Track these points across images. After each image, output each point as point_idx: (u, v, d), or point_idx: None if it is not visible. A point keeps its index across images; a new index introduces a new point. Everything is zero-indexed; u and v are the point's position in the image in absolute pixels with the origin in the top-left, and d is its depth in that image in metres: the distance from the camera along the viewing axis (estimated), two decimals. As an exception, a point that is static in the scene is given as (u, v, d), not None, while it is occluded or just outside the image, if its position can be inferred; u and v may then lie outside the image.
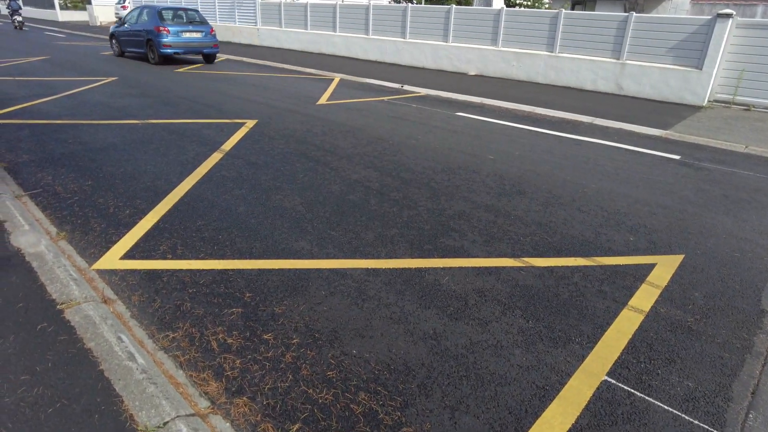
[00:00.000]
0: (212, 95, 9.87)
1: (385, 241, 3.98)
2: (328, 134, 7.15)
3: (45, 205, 4.47)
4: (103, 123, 7.38)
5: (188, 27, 14.41)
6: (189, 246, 3.78)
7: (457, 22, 14.46)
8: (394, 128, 7.72)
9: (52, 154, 5.85)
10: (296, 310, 3.06)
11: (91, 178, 5.11)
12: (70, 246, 3.74)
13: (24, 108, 8.25)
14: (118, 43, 15.97)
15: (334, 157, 6.05)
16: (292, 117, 8.17)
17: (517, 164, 6.14)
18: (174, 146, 6.25)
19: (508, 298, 3.30)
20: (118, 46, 16.03)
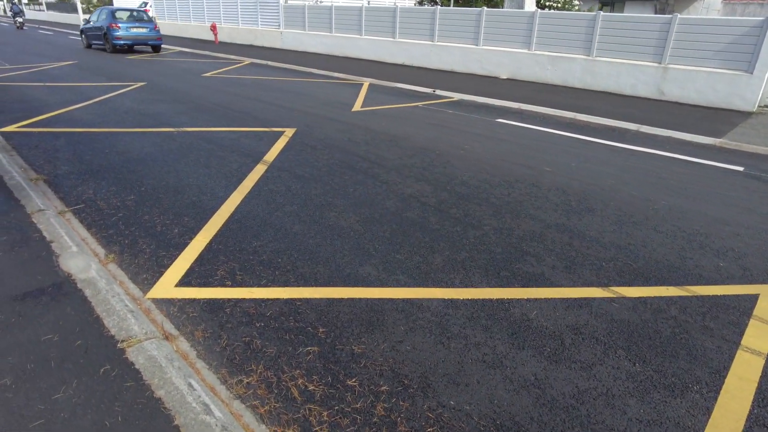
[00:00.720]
0: (245, 101, 9.64)
1: (456, 267, 3.66)
2: (371, 144, 6.85)
3: (89, 222, 4.22)
4: (138, 131, 7.17)
5: (135, 24, 18.38)
6: (248, 271, 3.50)
7: (488, 24, 14.10)
8: (436, 137, 7.40)
9: (91, 166, 5.63)
10: (377, 350, 2.75)
11: (133, 192, 4.86)
12: (120, 270, 3.48)
13: (58, 115, 8.08)
14: (86, 37, 19.88)
15: (382, 169, 5.75)
16: (330, 125, 7.90)
17: (577, 177, 5.78)
18: (215, 157, 6.00)
19: (607, 336, 2.96)
20: (86, 39, 19.95)
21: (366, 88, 12.20)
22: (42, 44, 21.79)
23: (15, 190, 4.78)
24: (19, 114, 8.10)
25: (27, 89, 10.43)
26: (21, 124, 7.47)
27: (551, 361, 2.74)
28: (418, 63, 16.16)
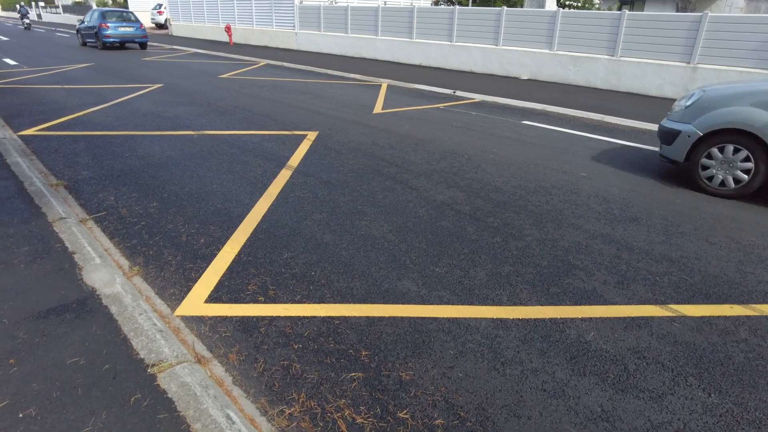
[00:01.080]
0: (264, 103, 9.47)
1: (501, 281, 3.42)
2: (396, 147, 6.63)
3: (111, 231, 4.05)
4: (158, 134, 7.02)
5: (123, 24, 20.37)
6: (281, 285, 3.29)
7: (508, 24, 13.82)
8: (463, 140, 7.16)
9: (111, 170, 5.47)
10: (427, 377, 2.53)
11: (155, 199, 4.69)
12: (146, 284, 3.29)
13: (77, 118, 7.97)
14: (81, 36, 21.76)
15: (411, 175, 5.53)
16: (352, 128, 7.69)
17: (615, 183, 5.51)
18: (238, 161, 5.81)
19: (673, 361, 2.71)
20: (81, 38, 21.82)
21: (385, 89, 11.99)
22: (59, 46, 21.88)
23: (36, 196, 4.63)
24: (38, 117, 8.00)
25: (45, 92, 10.36)
26: (40, 127, 7.36)
27: (617, 389, 2.50)
28: (435, 64, 15.92)
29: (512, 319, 3.02)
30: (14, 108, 8.65)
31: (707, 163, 5.27)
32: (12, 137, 6.78)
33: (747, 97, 4.92)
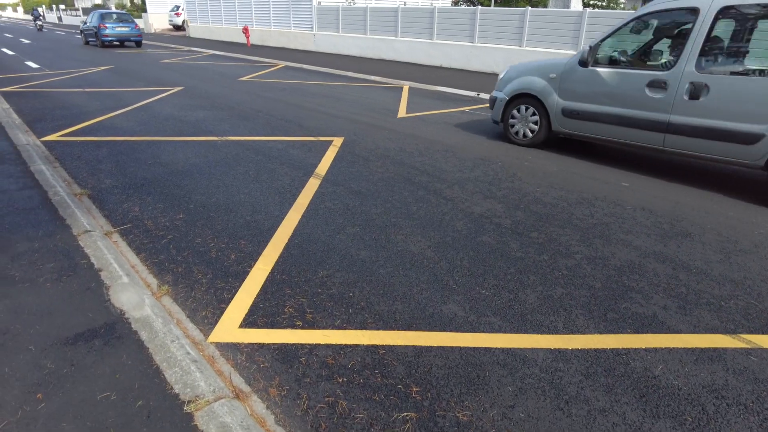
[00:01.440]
0: (286, 108, 9.31)
1: (554, 306, 3.18)
2: (425, 154, 6.41)
3: (138, 245, 3.88)
4: (180, 140, 6.88)
5: (120, 24, 22.46)
6: (318, 307, 3.09)
7: (532, 25, 13.51)
8: (494, 146, 6.91)
9: (135, 179, 5.33)
10: (486, 418, 2.30)
11: (181, 210, 4.52)
12: (176, 306, 3.11)
13: (99, 123, 7.87)
14: (84, 35, 24.26)
15: (444, 184, 5.30)
16: (378, 133, 7.48)
17: (660, 194, 5.23)
18: (264, 170, 5.63)
19: (757, 403, 2.45)
20: (84, 37, 24.29)
21: (407, 92, 11.77)
22: (79, 49, 22.04)
23: (60, 207, 4.49)
24: (60, 122, 7.92)
25: (67, 95, 10.32)
26: (63, 132, 7.27)
27: (699, 436, 2.24)
28: (456, 65, 15.65)
29: (571, 350, 2.78)
30: (37, 112, 8.60)
31: (512, 121, 7.04)
32: (35, 143, 6.69)
33: (533, 71, 6.71)
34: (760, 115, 4.83)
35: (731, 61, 5.24)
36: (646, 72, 5.57)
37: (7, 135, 6.84)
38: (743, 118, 4.95)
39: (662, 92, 5.40)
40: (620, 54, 6.01)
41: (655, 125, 5.52)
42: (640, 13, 5.76)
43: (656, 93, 5.45)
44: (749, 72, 4.94)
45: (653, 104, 5.49)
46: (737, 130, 5.00)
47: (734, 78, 4.98)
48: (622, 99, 5.75)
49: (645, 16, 5.72)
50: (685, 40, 5.23)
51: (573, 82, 6.20)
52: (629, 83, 5.66)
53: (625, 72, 5.73)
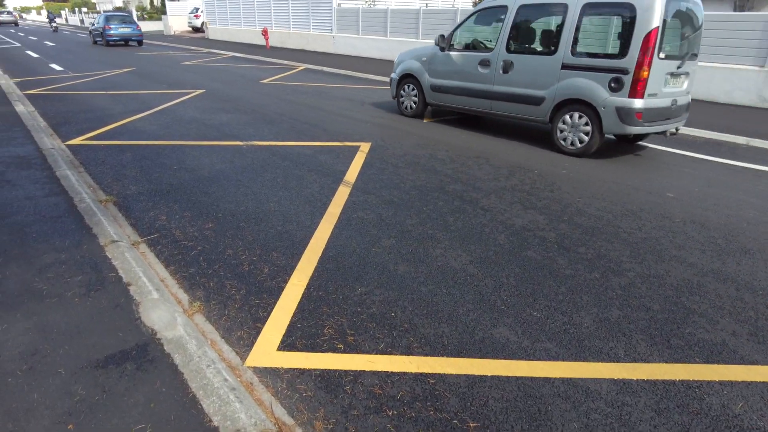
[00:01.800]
0: (310, 111, 9.16)
1: (612, 330, 2.95)
2: (456, 160, 6.19)
3: (167, 257, 3.73)
4: (205, 144, 6.76)
5: (123, 25, 25.02)
6: (359, 329, 2.89)
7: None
8: (527, 152, 6.67)
9: (160, 185, 5.20)
10: (554, 461, 2.07)
11: (210, 219, 4.36)
12: (209, 325, 2.94)
13: (122, 126, 7.80)
14: (92, 35, 26.94)
15: (480, 193, 5.08)
16: (406, 139, 7.28)
17: (708, 206, 4.96)
18: (292, 176, 5.47)
19: None
20: (92, 37, 26.94)
21: (430, 95, 11.54)
22: (100, 51, 22.23)
23: (86, 215, 4.37)
24: (84, 125, 7.86)
25: (90, 98, 10.30)
26: (87, 136, 7.20)
27: (795, 488, 2.00)
28: (479, 68, 15.38)
29: (637, 381, 2.55)
30: (62, 115, 8.56)
31: (402, 98, 8.86)
32: (60, 147, 6.62)
33: (413, 56, 8.38)
34: (542, 83, 6.62)
35: (526, 44, 7.01)
36: (478, 54, 7.35)
37: (32, 139, 6.79)
38: (533, 86, 6.73)
39: (487, 68, 7.19)
40: (464, 40, 7.73)
41: (485, 94, 7.32)
42: (477, 9, 7.54)
43: (484, 69, 7.23)
44: (535, 52, 6.81)
45: (482, 78, 7.29)
46: (530, 94, 6.78)
47: (527, 56, 6.80)
48: (464, 75, 7.55)
49: (479, 11, 7.49)
50: (500, 29, 7.00)
51: (436, 64, 7.97)
52: (468, 62, 7.45)
53: (466, 54, 7.52)
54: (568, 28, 6.30)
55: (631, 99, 5.91)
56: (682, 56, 6.29)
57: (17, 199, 4.62)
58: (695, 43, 6.50)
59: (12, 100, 9.59)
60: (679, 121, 6.68)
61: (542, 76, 6.56)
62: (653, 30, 5.66)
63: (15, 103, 9.23)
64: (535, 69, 6.63)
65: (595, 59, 6.18)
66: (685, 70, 6.41)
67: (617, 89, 5.97)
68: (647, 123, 6.08)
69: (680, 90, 6.51)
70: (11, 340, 2.65)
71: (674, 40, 6.14)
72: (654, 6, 5.64)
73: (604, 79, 6.05)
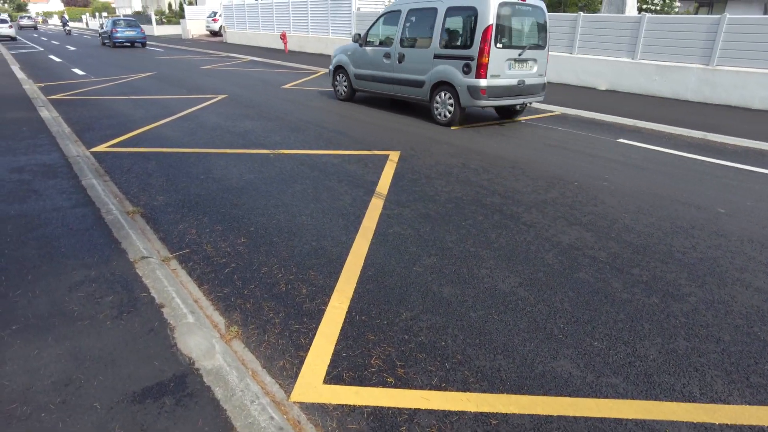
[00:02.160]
0: (335, 118, 9.00)
1: (681, 364, 2.71)
2: (491, 171, 5.97)
3: (199, 275, 3.57)
4: (231, 152, 6.62)
5: (128, 29, 27.57)
6: (409, 360, 2.69)
7: (584, 31, 12.93)
8: (563, 162, 6.43)
9: (188, 195, 5.06)
10: None
11: (242, 233, 4.20)
12: (249, 352, 2.76)
13: (145, 132, 7.71)
14: (101, 38, 29.86)
15: (520, 207, 4.86)
16: (435, 147, 7.08)
17: (765, 222, 4.67)
18: (323, 187, 5.30)
19: None
20: (101, 39, 29.81)
21: (454, 101, 11.32)
22: (121, 55, 22.38)
23: (114, 227, 4.23)
24: (108, 131, 7.79)
25: (113, 103, 10.27)
26: (111, 142, 7.12)
27: None
28: (502, 73, 15.15)
29: (719, 426, 2.31)
30: (85, 121, 8.51)
31: (336, 85, 10.70)
32: (85, 154, 6.54)
33: (343, 51, 10.14)
34: (423, 70, 8.42)
35: (412, 39, 8.74)
36: (383, 48, 9.17)
37: (58, 146, 6.71)
38: (417, 72, 8.53)
39: (389, 60, 9.03)
40: (374, 38, 9.52)
41: (389, 80, 9.14)
42: (382, 12, 9.43)
43: (387, 60, 9.04)
44: (418, 46, 8.54)
45: (387, 67, 9.11)
46: (416, 79, 8.58)
47: (413, 49, 8.63)
48: (375, 65, 9.38)
49: (385, 14, 9.32)
50: (397, 28, 8.86)
51: (356, 57, 9.83)
52: (377, 55, 9.27)
53: (376, 49, 9.39)
54: (437, 26, 8.17)
55: (477, 79, 7.70)
56: (522, 46, 8.01)
57: (45, 210, 4.51)
58: (535, 36, 8.24)
59: (37, 105, 9.58)
60: (531, 97, 8.51)
61: (422, 64, 8.43)
62: (489, 26, 7.47)
63: (40, 109, 9.21)
64: (418, 59, 8.53)
65: (454, 50, 8.01)
66: (531, 57, 8.17)
67: (468, 72, 7.77)
68: (492, 98, 7.90)
69: (529, 72, 8.27)
70: (44, 367, 2.51)
71: (510, 33, 7.89)
72: (489, 8, 7.45)
73: (460, 65, 7.87)
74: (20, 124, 7.95)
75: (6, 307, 3.01)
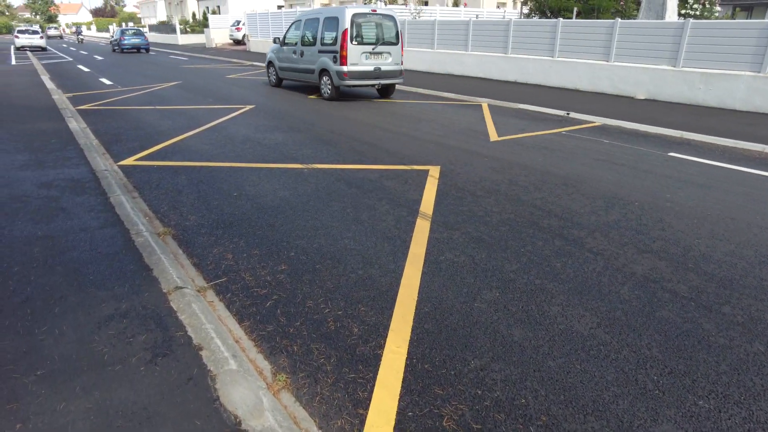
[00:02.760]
0: (366, 129, 8.68)
1: (813, 433, 2.27)
2: (542, 189, 5.56)
3: (239, 308, 3.24)
4: (263, 167, 6.33)
5: (134, 37, 32.17)
6: (486, 421, 2.32)
7: (622, 38, 12.44)
8: (618, 179, 5.99)
9: (221, 215, 4.76)
10: None
11: (282, 259, 3.88)
12: (301, 408, 2.42)
13: (173, 145, 7.49)
14: (111, 45, 35.05)
15: (582, 231, 4.44)
16: (477, 161, 6.70)
17: None
18: (363, 207, 4.96)
19: None
20: (111, 46, 35.08)
21: (487, 110, 10.95)
22: (147, 64, 22.51)
23: (144, 251, 3.94)
24: (135, 143, 7.59)
25: (139, 113, 10.12)
26: (139, 155, 6.90)
27: None
28: (533, 80, 14.71)
29: None
30: (113, 132, 8.35)
31: (270, 75, 14.19)
32: (113, 168, 6.32)
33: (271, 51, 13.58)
34: (313, 62, 11.64)
35: (307, 40, 11.86)
36: (293, 47, 12.33)
37: (85, 159, 6.51)
38: (310, 63, 11.77)
39: (296, 55, 12.21)
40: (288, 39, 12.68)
41: (296, 69, 12.49)
42: (292, 22, 12.75)
43: (295, 55, 12.25)
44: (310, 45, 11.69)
45: (295, 60, 12.30)
46: (310, 68, 11.79)
47: (308, 47, 11.75)
48: (289, 59, 12.68)
49: (293, 24, 12.62)
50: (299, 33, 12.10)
51: (279, 53, 13.21)
52: (290, 52, 12.54)
53: (289, 47, 12.57)
54: (319, 31, 11.54)
55: (341, 66, 10.86)
56: (375, 43, 11.15)
57: (72, 230, 4.25)
58: (387, 36, 11.33)
59: (65, 116, 9.47)
60: (388, 80, 11.65)
61: (313, 57, 11.82)
62: (345, 30, 10.63)
63: (68, 120, 9.09)
64: (310, 54, 11.93)
65: (328, 47, 11.22)
66: (386, 51, 11.36)
67: (336, 62, 10.98)
68: (354, 80, 11.04)
69: (385, 62, 11.39)
70: (71, 425, 2.19)
71: (364, 34, 10.98)
72: (346, 17, 10.63)
73: (332, 57, 11.09)
74: (49, 135, 7.81)
75: (32, 346, 2.72)
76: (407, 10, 21.17)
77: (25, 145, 7.25)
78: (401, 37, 11.57)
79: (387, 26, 11.26)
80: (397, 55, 11.44)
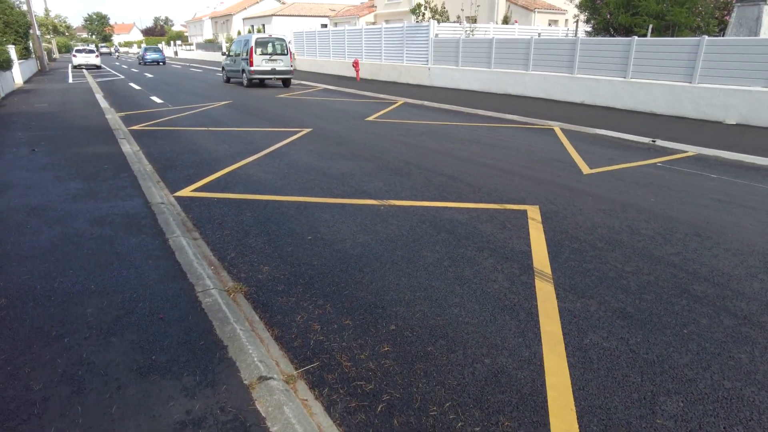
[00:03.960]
0: (438, 157, 7.92)
1: None
2: (672, 240, 4.64)
3: (342, 414, 2.51)
4: (334, 202, 5.64)
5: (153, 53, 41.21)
6: None
7: (708, 57, 11.36)
8: (760, 228, 4.99)
9: (298, 267, 4.06)
10: None
11: (381, 335, 3.12)
12: None
13: (232, 173, 6.91)
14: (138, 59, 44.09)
15: (751, 304, 3.53)
16: (579, 200, 5.82)
17: None
18: (460, 259, 4.17)
19: None
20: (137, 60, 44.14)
21: (562, 135, 10.04)
22: (195, 81, 22.58)
23: (214, 318, 3.26)
24: (191, 170, 7.05)
25: (193, 135, 9.69)
26: (196, 185, 6.33)
27: None
28: (603, 102, 13.70)
29: None
30: (167, 157, 7.87)
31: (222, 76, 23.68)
32: (170, 201, 5.75)
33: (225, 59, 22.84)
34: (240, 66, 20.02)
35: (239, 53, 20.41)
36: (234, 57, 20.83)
37: (140, 188, 5.99)
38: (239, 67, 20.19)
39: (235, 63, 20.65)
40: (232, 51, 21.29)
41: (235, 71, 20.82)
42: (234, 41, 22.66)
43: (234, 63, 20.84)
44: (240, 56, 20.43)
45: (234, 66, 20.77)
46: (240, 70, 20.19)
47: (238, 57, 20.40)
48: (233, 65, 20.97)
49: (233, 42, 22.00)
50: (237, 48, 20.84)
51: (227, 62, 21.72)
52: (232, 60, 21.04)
53: (233, 57, 21.00)
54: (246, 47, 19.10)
55: (250, 67, 18.71)
56: (270, 54, 18.99)
57: (129, 285, 3.63)
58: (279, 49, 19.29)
59: (118, 137, 9.11)
60: (282, 76, 19.57)
61: (240, 63, 19.64)
62: (252, 47, 18.67)
63: (121, 142, 8.71)
64: (239, 61, 19.75)
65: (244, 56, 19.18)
66: (279, 58, 19.19)
67: (248, 63, 18.79)
68: (258, 75, 19.00)
69: (278, 65, 19.17)
70: None
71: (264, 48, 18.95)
72: (252, 39, 18.83)
73: (247, 62, 18.83)
74: (102, 160, 7.38)
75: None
76: (460, 28, 20.47)
77: (78, 170, 6.81)
78: (289, 50, 19.53)
79: (278, 44, 19.23)
80: (287, 61, 19.30)
